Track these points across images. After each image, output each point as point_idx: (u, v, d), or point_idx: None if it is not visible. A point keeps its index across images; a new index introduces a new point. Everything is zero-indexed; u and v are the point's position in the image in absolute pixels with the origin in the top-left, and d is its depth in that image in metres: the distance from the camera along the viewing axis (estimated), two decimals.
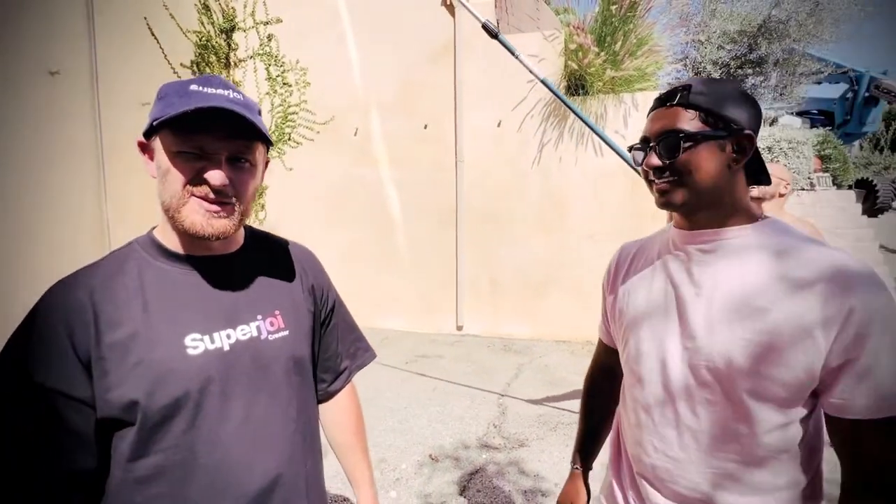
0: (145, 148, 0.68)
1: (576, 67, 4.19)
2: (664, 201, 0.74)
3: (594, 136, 4.51)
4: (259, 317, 0.71)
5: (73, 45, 3.60)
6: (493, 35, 1.87)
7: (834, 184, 5.55)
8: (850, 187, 6.66)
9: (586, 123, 1.99)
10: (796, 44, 6.86)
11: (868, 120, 8.49)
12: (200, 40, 4.68)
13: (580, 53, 4.11)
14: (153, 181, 0.67)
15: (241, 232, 0.76)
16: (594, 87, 4.29)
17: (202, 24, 4.68)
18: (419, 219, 4.90)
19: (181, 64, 4.50)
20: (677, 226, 0.79)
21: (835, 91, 8.94)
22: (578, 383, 3.74)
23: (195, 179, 0.63)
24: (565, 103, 2.00)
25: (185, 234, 0.65)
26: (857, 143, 9.58)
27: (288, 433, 0.72)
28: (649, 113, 0.79)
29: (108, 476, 0.62)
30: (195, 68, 4.72)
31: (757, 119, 0.74)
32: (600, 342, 1.04)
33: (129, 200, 3.96)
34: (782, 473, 0.70)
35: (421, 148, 4.83)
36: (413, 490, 2.21)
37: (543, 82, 1.97)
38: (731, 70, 7.28)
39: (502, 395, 3.30)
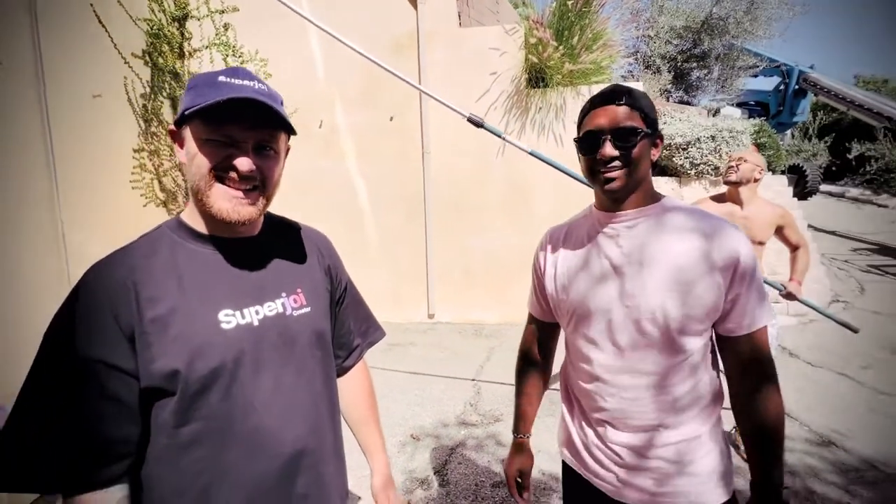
0: (176, 136, 0.72)
1: (536, 61, 4.35)
2: (612, 187, 0.88)
3: (554, 128, 4.71)
4: (283, 294, 0.76)
5: (14, 34, 3.39)
6: (479, 125, 1.97)
7: (769, 169, 6.05)
8: (783, 172, 7.26)
9: (550, 163, 2.13)
10: (735, 40, 7.38)
11: (798, 110, 9.24)
12: (152, 29, 4.51)
13: (540, 47, 4.27)
14: (110, 180, 0.70)
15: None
16: (553, 80, 4.47)
17: (153, 11, 4.49)
18: (387, 210, 4.95)
19: (132, 54, 4.32)
20: (602, 208, 0.94)
21: (769, 84, 9.65)
22: None
23: (222, 165, 0.67)
24: (548, 162, 2.13)
25: (212, 218, 0.70)
26: (788, 131, 10.41)
27: (314, 403, 0.77)
28: (592, 109, 0.90)
29: (149, 443, 0.66)
30: (147, 58, 4.55)
31: None
32: (532, 318, 1.15)
33: (86, 200, 3.78)
34: (703, 383, 0.91)
35: (387, 140, 4.87)
36: (398, 467, 2.32)
37: (532, 153, 2.11)
38: (678, 64, 7.73)
39: (476, 380, 3.45)
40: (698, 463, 0.90)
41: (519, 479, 1.14)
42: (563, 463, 1.10)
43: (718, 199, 2.41)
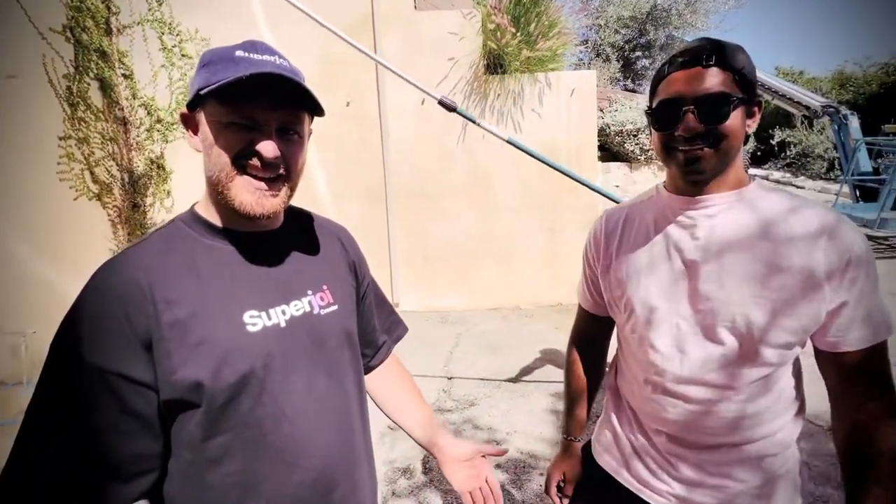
0: (188, 120, 0.64)
1: (494, 47, 4.35)
2: (697, 169, 0.71)
3: (513, 114, 4.76)
4: (309, 292, 0.70)
5: None
6: (452, 109, 1.94)
7: None
8: None
9: (566, 173, 2.16)
10: (676, 31, 7.78)
11: None
12: (72, 1, 4.05)
13: (498, 33, 4.27)
14: (33, 170, 0.62)
15: None
16: (511, 67, 4.50)
17: None
18: (347, 198, 4.81)
19: (51, 29, 3.88)
20: (677, 192, 0.77)
21: None
22: (513, 346, 4.04)
23: (244, 152, 0.61)
24: (542, 159, 2.14)
25: (232, 211, 0.63)
26: None
27: (346, 405, 0.73)
28: (671, 72, 0.72)
29: (172, 458, 0.60)
30: (69, 34, 4.10)
31: None
32: (583, 311, 1.01)
33: (3, 193, 3.38)
34: (784, 398, 0.76)
35: (345, 126, 4.71)
36: (380, 458, 2.30)
37: (509, 141, 2.09)
38: (626, 53, 8.04)
39: (447, 367, 3.48)
40: (766, 487, 0.77)
41: (561, 483, 1.03)
42: (590, 459, 0.99)
43: None
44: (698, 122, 0.69)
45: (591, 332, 1.02)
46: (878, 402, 0.70)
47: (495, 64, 4.53)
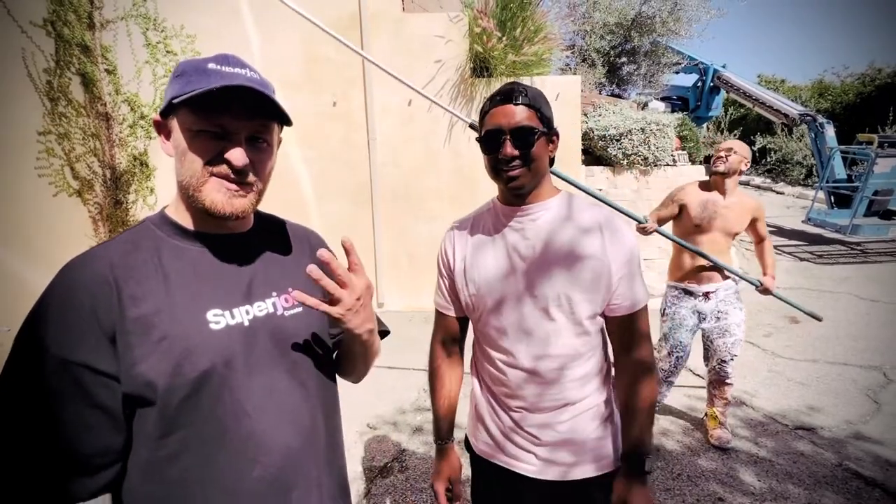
0: (161, 127, 0.67)
1: (481, 50, 4.40)
2: (516, 185, 0.91)
3: None
4: (274, 294, 0.72)
5: None
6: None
7: (690, 160, 6.61)
8: (701, 163, 7.96)
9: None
10: (660, 38, 7.93)
11: (713, 106, 10.11)
12: None
13: (484, 37, 4.32)
14: (9, 165, 0.63)
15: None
16: (497, 70, 4.55)
17: None
18: (333, 198, 4.82)
19: (31, 22, 3.82)
20: (506, 203, 0.98)
21: (689, 80, 10.47)
22: None
23: (215, 159, 0.64)
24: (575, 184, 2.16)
25: (201, 213, 0.66)
26: (704, 125, 11.41)
27: (308, 406, 0.73)
28: (492, 108, 0.92)
29: (132, 453, 0.62)
30: (49, 28, 4.05)
31: None
32: (442, 316, 1.10)
33: None
34: (600, 358, 1.00)
35: (331, 126, 4.72)
36: (357, 457, 2.33)
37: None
38: (611, 58, 8.16)
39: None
40: (604, 430, 0.99)
41: (449, 487, 1.09)
42: (473, 455, 1.09)
43: (704, 186, 2.44)
44: (514, 148, 0.89)
45: (451, 333, 1.11)
46: (642, 354, 0.97)
47: (481, 67, 4.58)
